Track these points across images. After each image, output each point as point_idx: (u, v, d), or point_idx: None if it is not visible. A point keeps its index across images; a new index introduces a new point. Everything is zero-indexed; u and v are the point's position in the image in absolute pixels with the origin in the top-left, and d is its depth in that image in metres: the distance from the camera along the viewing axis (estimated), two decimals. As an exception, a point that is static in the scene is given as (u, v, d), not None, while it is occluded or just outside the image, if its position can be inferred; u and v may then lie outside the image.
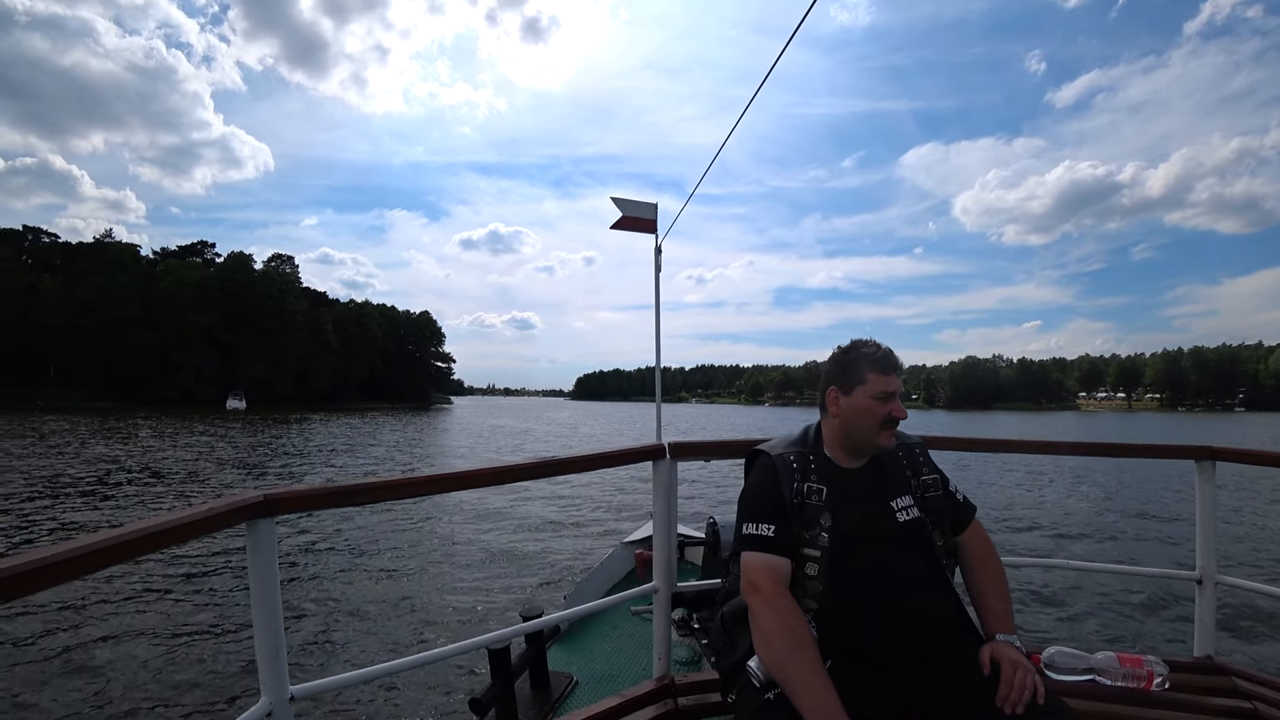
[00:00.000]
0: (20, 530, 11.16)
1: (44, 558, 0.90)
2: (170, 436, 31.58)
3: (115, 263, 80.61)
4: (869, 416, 1.67)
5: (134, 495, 14.85)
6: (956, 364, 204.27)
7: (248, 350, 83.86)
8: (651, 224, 5.52)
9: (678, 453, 2.14)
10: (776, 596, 1.51)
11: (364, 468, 22.58)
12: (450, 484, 1.74)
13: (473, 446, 33.20)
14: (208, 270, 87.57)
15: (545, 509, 13.75)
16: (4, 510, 12.66)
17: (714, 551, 3.39)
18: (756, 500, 1.66)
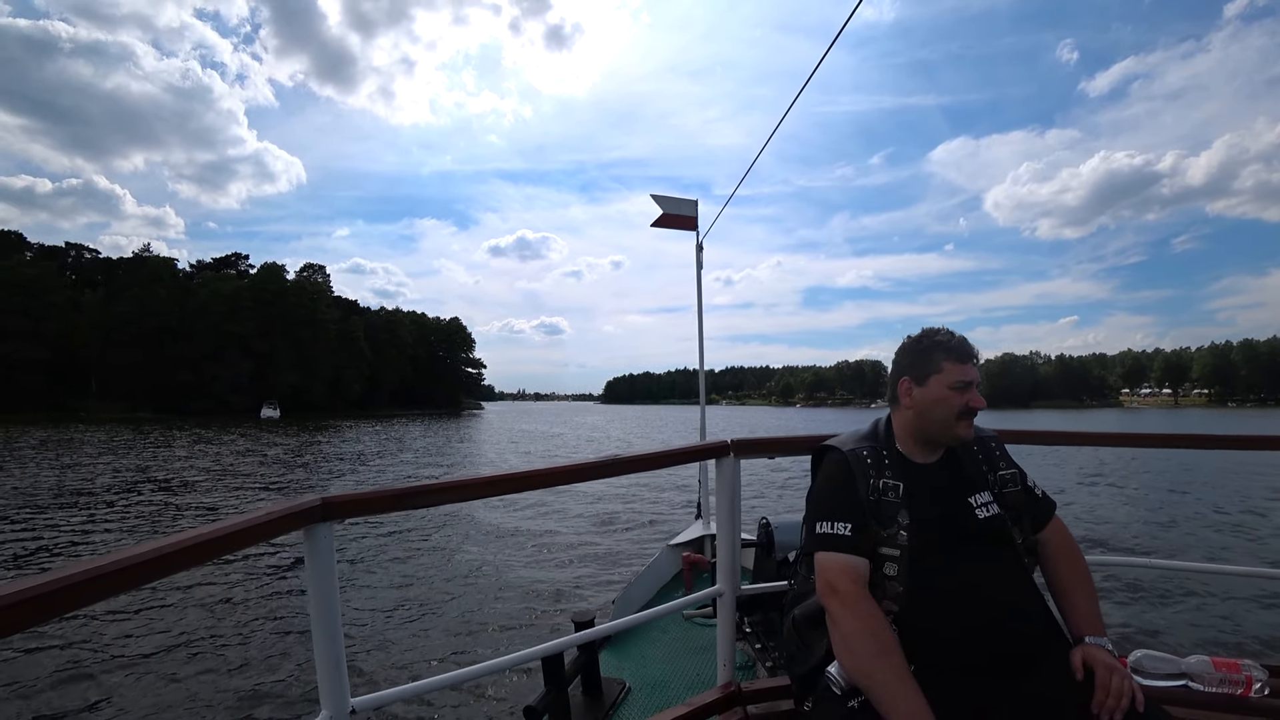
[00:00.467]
0: (69, 543, 11.15)
1: (100, 566, 0.90)
2: (203, 447, 31.91)
3: (153, 276, 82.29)
4: (945, 407, 1.62)
5: (164, 507, 14.76)
6: (992, 361, 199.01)
7: (281, 359, 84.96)
8: (692, 221, 5.49)
9: (742, 450, 2.07)
10: (858, 599, 1.45)
11: (403, 473, 22.56)
12: (513, 485, 1.69)
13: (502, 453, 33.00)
14: (242, 281, 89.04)
15: (590, 511, 13.73)
16: (52, 520, 12.86)
17: (767, 553, 3.25)
18: (831, 498, 1.60)
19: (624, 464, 1.89)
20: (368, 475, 21.83)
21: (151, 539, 1.02)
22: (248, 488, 17.89)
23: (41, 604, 0.80)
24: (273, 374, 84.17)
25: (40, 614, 0.81)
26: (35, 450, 28.75)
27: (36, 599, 0.80)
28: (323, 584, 1.33)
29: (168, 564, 0.99)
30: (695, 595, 2.14)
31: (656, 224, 5.49)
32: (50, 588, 0.81)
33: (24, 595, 0.79)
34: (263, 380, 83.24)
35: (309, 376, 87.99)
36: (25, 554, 10.33)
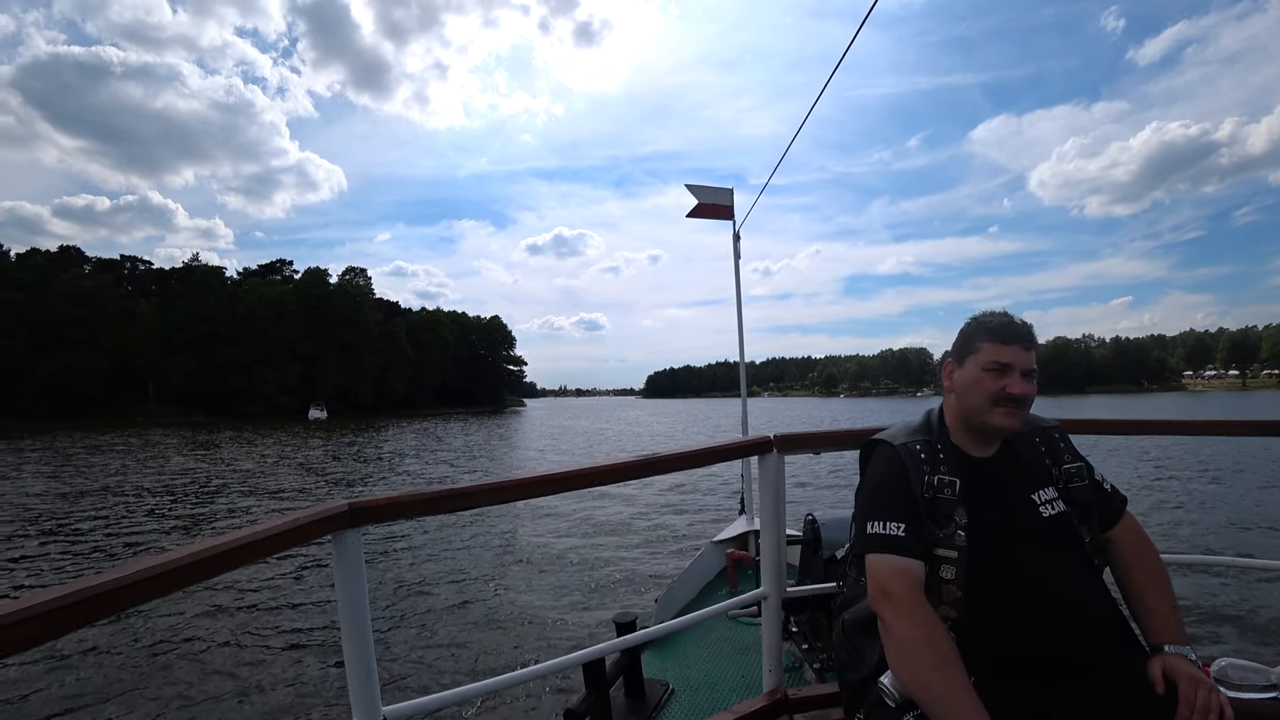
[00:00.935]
0: (114, 544, 11.37)
1: (127, 575, 0.89)
2: (254, 448, 32.71)
3: (202, 285, 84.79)
4: (979, 391, 1.52)
5: (207, 509, 15.02)
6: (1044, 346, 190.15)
7: (326, 361, 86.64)
8: (728, 209, 5.46)
9: (785, 446, 2.00)
10: (913, 604, 1.35)
11: (441, 473, 22.54)
12: (549, 487, 1.66)
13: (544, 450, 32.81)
14: (286, 286, 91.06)
15: (630, 508, 13.36)
16: (101, 523, 13.12)
17: (814, 551, 3.16)
18: (882, 496, 1.51)
19: (664, 463, 1.82)
20: (408, 474, 21.97)
21: (179, 546, 1.02)
22: (287, 490, 18.04)
23: (78, 611, 0.82)
24: (319, 376, 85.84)
25: (79, 619, 0.83)
26: (92, 454, 29.82)
27: (67, 608, 0.81)
28: (352, 590, 1.30)
29: (191, 574, 0.99)
30: (739, 598, 2.06)
31: (692, 214, 5.47)
32: (70, 600, 0.82)
33: (69, 600, 0.81)
34: (310, 382, 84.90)
35: (354, 377, 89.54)
36: (81, 554, 10.62)
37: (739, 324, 5.62)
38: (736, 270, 5.53)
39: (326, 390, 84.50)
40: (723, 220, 5.53)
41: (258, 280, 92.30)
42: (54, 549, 11.06)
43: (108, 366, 75.27)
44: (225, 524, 13.40)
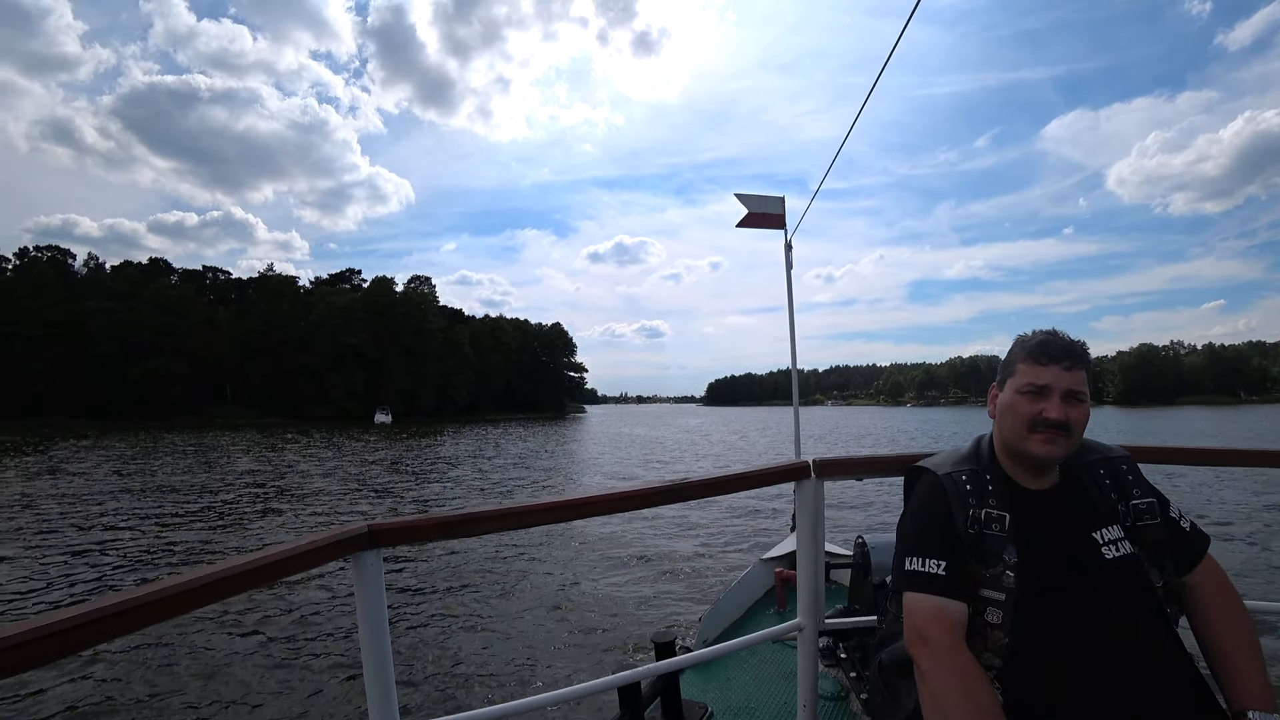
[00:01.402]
0: (165, 543, 11.69)
1: (136, 597, 0.90)
2: (316, 450, 33.65)
3: (275, 293, 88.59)
4: (1013, 415, 1.41)
5: (269, 510, 15.45)
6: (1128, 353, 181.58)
7: (392, 367, 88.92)
8: (779, 219, 5.37)
9: (824, 471, 1.93)
10: (951, 651, 1.24)
11: (493, 480, 22.42)
12: (565, 513, 1.62)
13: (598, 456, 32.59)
14: (355, 295, 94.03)
15: (674, 522, 12.88)
16: (159, 520, 13.70)
17: (863, 575, 3.02)
18: (922, 530, 1.40)
19: (691, 489, 1.77)
20: (459, 480, 21.91)
21: (198, 566, 1.05)
22: (335, 494, 18.13)
23: (89, 631, 0.85)
24: (384, 381, 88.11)
25: (90, 639, 0.85)
26: (178, 455, 31.48)
27: (77, 628, 0.83)
28: (371, 611, 1.29)
29: (201, 597, 1.00)
30: (778, 628, 1.99)
31: (742, 224, 5.34)
32: (81, 620, 0.84)
33: (80, 620, 0.83)
34: (376, 387, 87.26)
35: (418, 383, 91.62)
36: (150, 552, 11.02)
37: (791, 336, 5.50)
38: (789, 280, 5.41)
39: (392, 395, 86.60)
40: (774, 229, 5.42)
41: (328, 289, 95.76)
42: (116, 544, 11.46)
43: (190, 371, 79.17)
44: (270, 525, 13.66)
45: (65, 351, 74.15)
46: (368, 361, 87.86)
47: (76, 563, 10.26)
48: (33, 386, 72.68)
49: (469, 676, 6.01)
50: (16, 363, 72.24)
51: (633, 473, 26.08)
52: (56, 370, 73.90)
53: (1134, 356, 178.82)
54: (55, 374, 73.89)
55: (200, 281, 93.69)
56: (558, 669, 6.10)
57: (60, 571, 9.72)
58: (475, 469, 25.58)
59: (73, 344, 74.53)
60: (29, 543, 11.58)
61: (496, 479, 22.59)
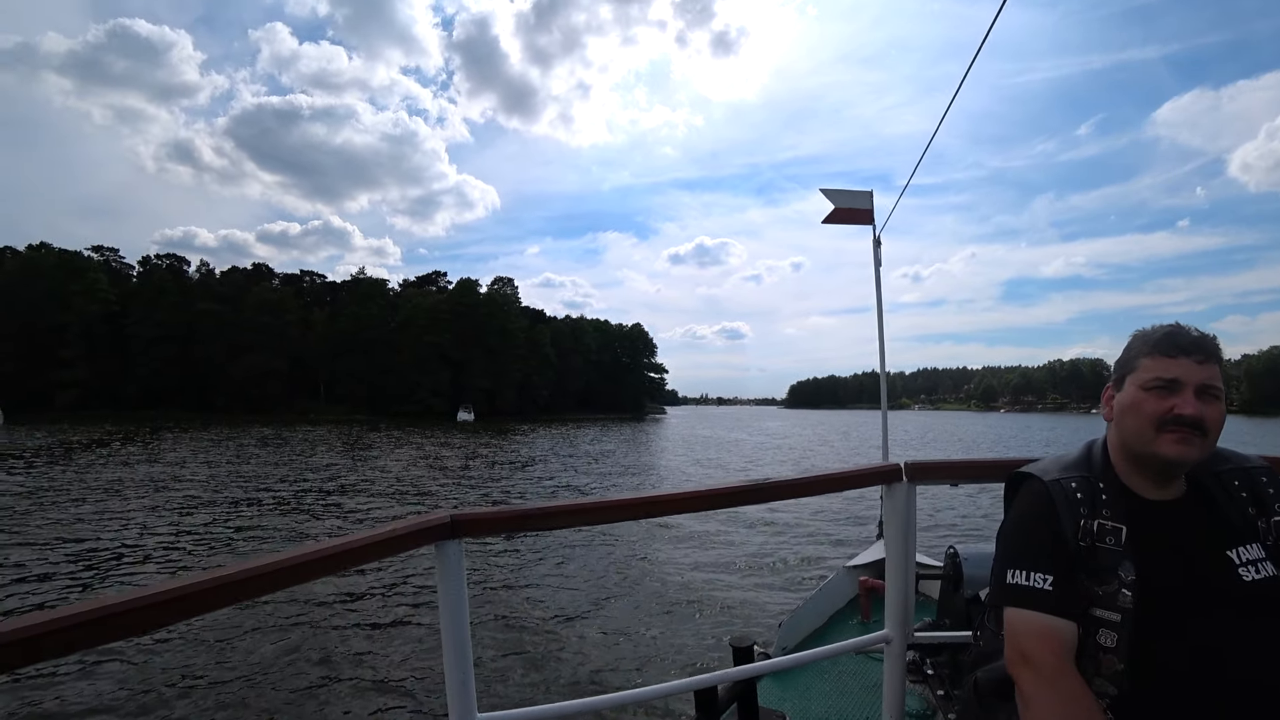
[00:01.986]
0: (268, 528, 12.61)
1: (227, 575, 0.94)
2: (400, 447, 34.71)
3: (366, 295, 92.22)
4: (1136, 415, 1.25)
5: (351, 502, 16.04)
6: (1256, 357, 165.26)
7: (475, 366, 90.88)
8: (868, 214, 5.29)
9: (916, 474, 1.83)
10: (1059, 674, 1.12)
11: (571, 478, 22.33)
12: (647, 509, 1.62)
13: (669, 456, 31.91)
14: (440, 296, 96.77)
15: (758, 525, 12.61)
16: (274, 502, 15.07)
17: (954, 587, 2.94)
18: (1027, 540, 1.27)
19: (778, 489, 1.72)
20: (535, 477, 21.99)
21: (288, 549, 1.09)
22: (414, 491, 18.36)
23: (191, 602, 0.90)
24: (467, 380, 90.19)
25: (190, 610, 0.91)
26: (269, 446, 33.50)
27: (179, 599, 0.88)
28: (452, 598, 1.32)
29: (291, 576, 1.04)
30: (862, 639, 1.94)
31: (829, 220, 5.31)
32: (187, 590, 0.89)
33: (181, 592, 0.89)
34: (459, 386, 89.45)
35: (500, 382, 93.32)
36: (233, 534, 12.01)
37: (880, 336, 5.38)
38: (877, 278, 5.31)
39: (474, 394, 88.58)
40: (862, 225, 5.31)
41: (415, 290, 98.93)
42: (217, 524, 12.69)
43: (287, 368, 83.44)
44: (355, 513, 14.19)
45: (178, 350, 79.46)
46: (451, 361, 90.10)
47: (182, 539, 11.47)
48: (150, 382, 78.33)
49: (544, 669, 6.02)
50: (137, 360, 78.07)
51: (680, 489, 25.47)
52: (170, 367, 79.32)
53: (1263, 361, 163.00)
54: (169, 370, 79.33)
55: (298, 285, 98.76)
56: (632, 666, 6.08)
57: (166, 545, 11.01)
58: (551, 467, 25.75)
59: (184, 343, 79.80)
60: (163, 517, 13.26)
61: (569, 478, 22.55)
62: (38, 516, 13.06)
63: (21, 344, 71.33)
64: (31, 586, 8.54)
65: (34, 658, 0.74)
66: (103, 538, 11.25)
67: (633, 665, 6.15)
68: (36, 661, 0.74)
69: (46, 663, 1.07)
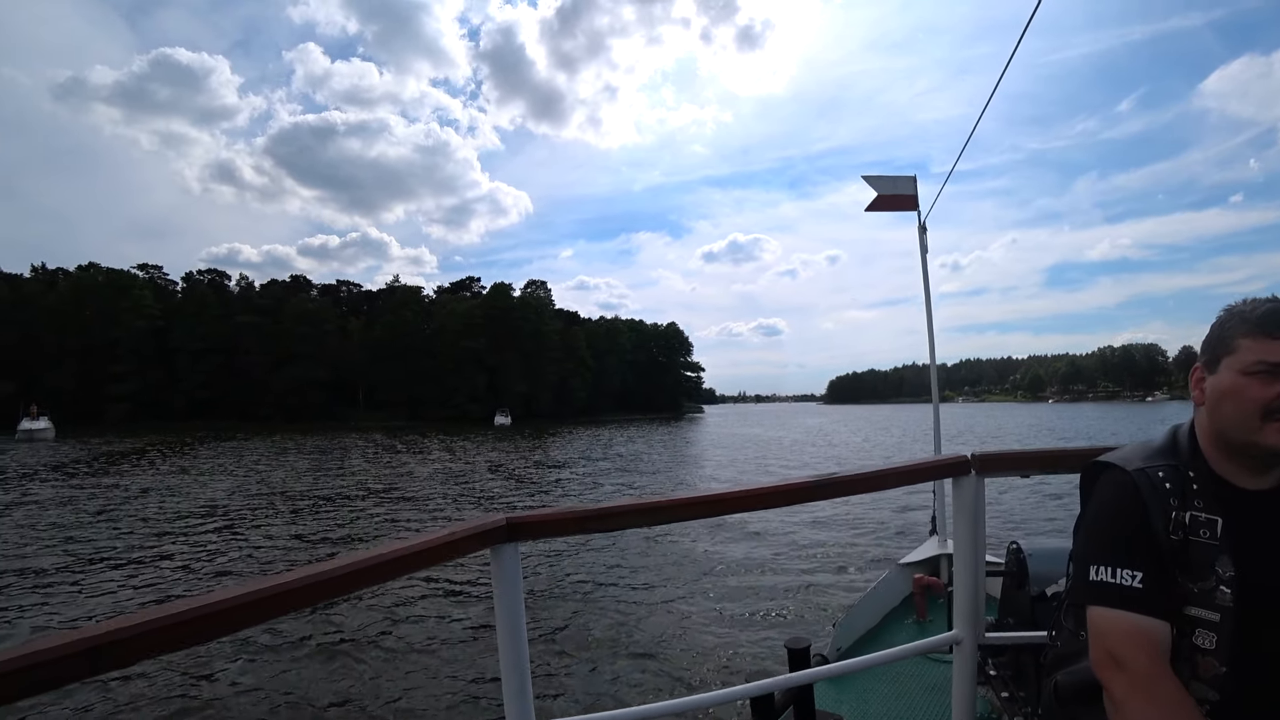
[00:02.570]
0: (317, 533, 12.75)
1: (293, 580, 0.96)
2: (436, 452, 34.49)
3: (401, 303, 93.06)
4: (1237, 401, 1.15)
5: (393, 510, 16.00)
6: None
7: (511, 370, 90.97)
8: (912, 200, 5.18)
9: (986, 466, 1.76)
10: (1155, 678, 1.05)
11: (612, 478, 22.05)
12: (710, 508, 1.59)
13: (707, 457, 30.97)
14: (474, 301, 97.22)
15: (810, 523, 12.59)
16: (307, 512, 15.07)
17: (1018, 585, 2.84)
18: (1111, 534, 1.18)
19: (840, 485, 1.68)
20: (565, 484, 21.55)
21: (342, 555, 1.09)
22: (452, 496, 18.17)
23: (250, 610, 0.91)
24: (504, 384, 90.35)
25: (251, 619, 0.92)
26: (309, 454, 33.72)
27: (241, 607, 0.90)
28: (509, 603, 1.32)
29: (354, 581, 1.05)
30: (929, 641, 1.88)
31: (872, 207, 5.20)
32: (244, 600, 0.90)
33: (243, 600, 0.90)
34: (496, 390, 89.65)
35: (536, 385, 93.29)
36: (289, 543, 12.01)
37: (929, 324, 5.29)
38: (924, 265, 5.22)
39: (511, 397, 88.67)
40: (906, 212, 5.19)
41: (449, 296, 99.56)
42: (267, 530, 13.00)
43: (327, 378, 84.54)
44: (400, 524, 14.08)
45: (221, 362, 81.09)
46: (487, 365, 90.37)
47: (241, 544, 11.86)
48: (195, 394, 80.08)
49: (599, 675, 6.02)
50: (182, 373, 79.86)
51: (743, 486, 24.85)
52: (215, 379, 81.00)
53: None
54: (214, 383, 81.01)
55: (335, 295, 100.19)
56: (688, 671, 6.07)
57: (243, 546, 11.56)
58: (585, 469, 25.26)
59: (227, 356, 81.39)
60: (214, 525, 13.66)
61: (603, 479, 22.04)
62: (111, 523, 13.78)
63: (75, 361, 73.61)
64: (95, 596, 8.68)
65: (107, 666, 0.76)
66: (143, 547, 11.57)
67: (690, 670, 6.12)
68: (107, 670, 0.76)
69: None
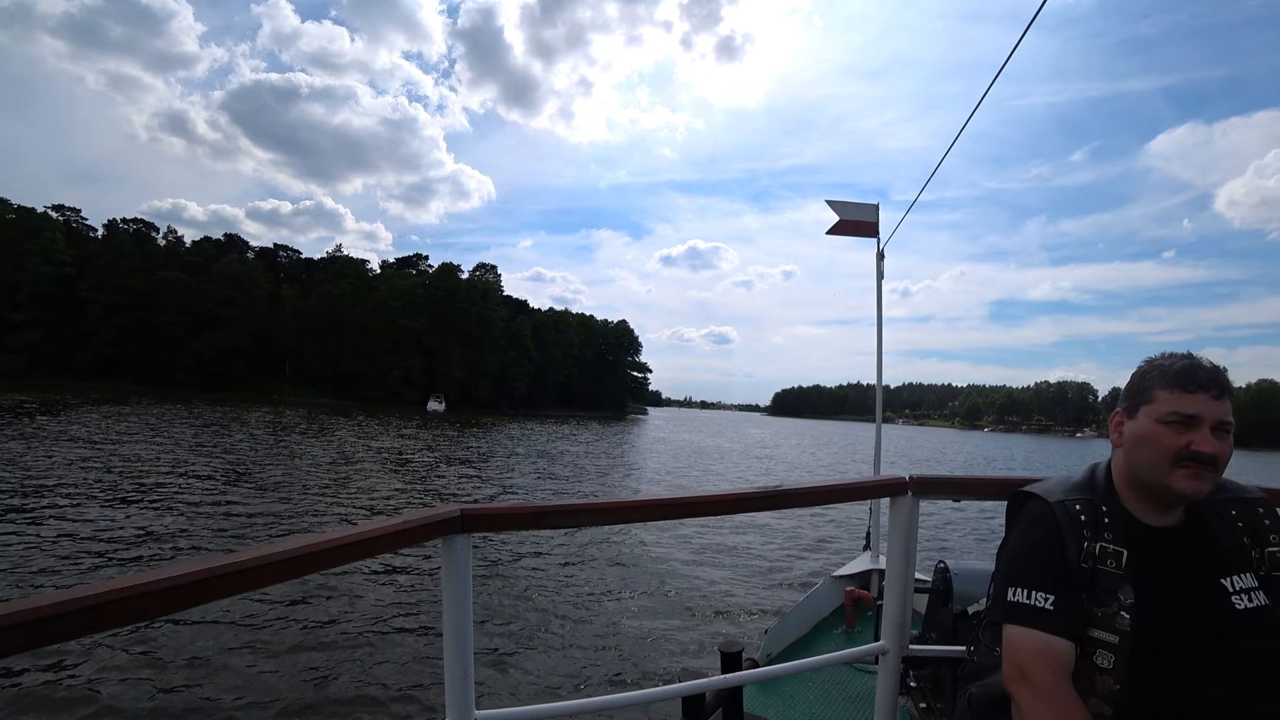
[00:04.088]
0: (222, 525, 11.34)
1: (242, 561, 0.93)
2: (349, 435, 32.02)
3: (340, 273, 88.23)
4: (1152, 448, 1.26)
5: (323, 493, 14.95)
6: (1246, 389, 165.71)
7: (449, 354, 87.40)
8: (872, 227, 5.34)
9: (922, 489, 1.85)
10: (1057, 695, 1.14)
11: (550, 484, 20.85)
12: (665, 511, 1.65)
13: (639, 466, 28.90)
14: (418, 279, 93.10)
15: (747, 533, 12.98)
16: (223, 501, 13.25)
17: (943, 602, 2.95)
18: (1030, 559, 1.29)
19: (787, 497, 1.75)
20: (514, 479, 20.81)
21: (295, 537, 1.07)
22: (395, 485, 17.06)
23: (196, 590, 0.88)
24: (442, 369, 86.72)
25: (197, 598, 0.89)
26: (203, 426, 30.98)
27: (187, 586, 0.87)
28: (457, 594, 1.33)
29: (304, 565, 1.03)
30: (856, 650, 1.96)
31: (833, 231, 5.37)
32: (191, 579, 0.87)
33: (193, 578, 0.87)
34: (432, 375, 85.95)
35: (476, 372, 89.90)
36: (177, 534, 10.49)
37: (879, 349, 5.43)
38: (879, 291, 5.34)
39: (448, 383, 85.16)
40: (866, 238, 5.34)
41: (391, 272, 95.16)
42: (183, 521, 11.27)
43: (251, 345, 79.62)
44: (264, 521, 12.35)
45: (137, 319, 75.44)
46: (425, 347, 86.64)
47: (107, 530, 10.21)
48: (104, 351, 74.22)
49: (540, 669, 6.12)
50: (92, 327, 73.92)
51: (696, 492, 23.01)
52: (127, 337, 75.28)
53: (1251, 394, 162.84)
54: (126, 340, 75.30)
55: (273, 259, 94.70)
56: (627, 669, 6.27)
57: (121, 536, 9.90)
58: (523, 473, 23.25)
59: (145, 313, 75.81)
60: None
61: (548, 486, 20.59)
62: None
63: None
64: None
65: (37, 641, 0.73)
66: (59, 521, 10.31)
67: (628, 668, 6.31)
68: (39, 646, 0.73)
69: (43, 649, 1.08)
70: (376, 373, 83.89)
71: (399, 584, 8.37)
